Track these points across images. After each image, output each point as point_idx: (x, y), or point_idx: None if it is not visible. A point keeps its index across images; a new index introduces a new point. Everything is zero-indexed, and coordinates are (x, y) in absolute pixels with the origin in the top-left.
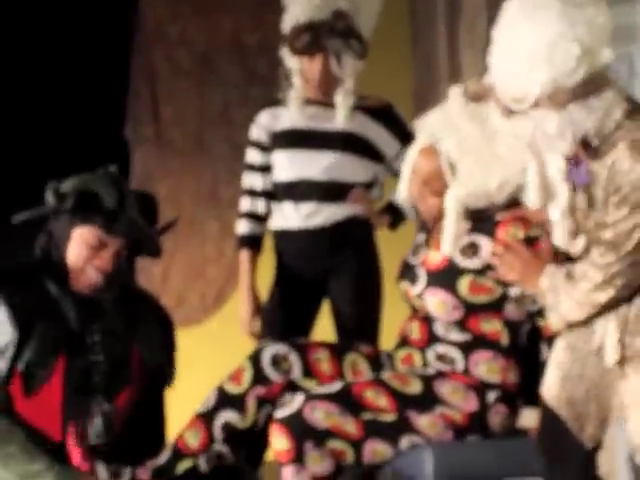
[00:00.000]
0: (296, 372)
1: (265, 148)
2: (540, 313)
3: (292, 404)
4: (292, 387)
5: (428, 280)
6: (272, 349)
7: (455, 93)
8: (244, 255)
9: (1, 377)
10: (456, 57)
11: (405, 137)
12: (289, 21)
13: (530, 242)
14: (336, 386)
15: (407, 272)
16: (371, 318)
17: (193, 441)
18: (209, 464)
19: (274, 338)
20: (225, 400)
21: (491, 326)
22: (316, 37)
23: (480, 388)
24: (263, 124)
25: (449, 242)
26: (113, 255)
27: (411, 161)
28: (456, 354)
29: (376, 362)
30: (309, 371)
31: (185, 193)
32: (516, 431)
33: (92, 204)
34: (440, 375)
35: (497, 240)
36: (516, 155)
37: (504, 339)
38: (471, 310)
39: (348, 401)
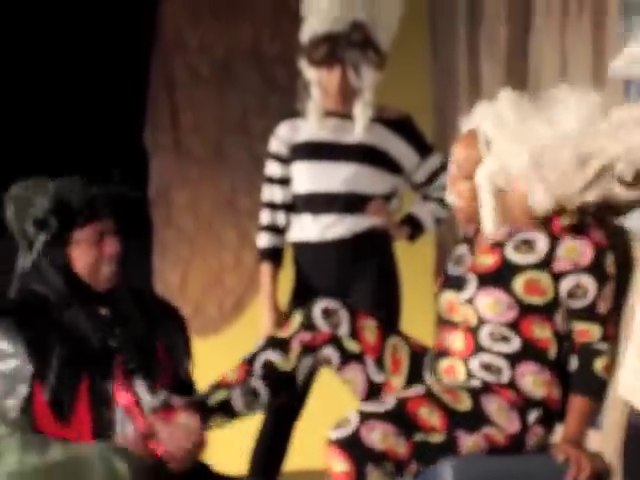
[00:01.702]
0: (344, 329)
1: (284, 160)
2: (577, 315)
3: (347, 424)
4: (336, 345)
5: (480, 282)
6: (325, 302)
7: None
8: (265, 268)
9: (22, 402)
10: (476, 68)
11: (424, 149)
12: (307, 32)
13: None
14: (390, 402)
15: (450, 282)
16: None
17: (232, 375)
18: (244, 399)
19: None
20: (270, 342)
21: (542, 333)
22: (334, 48)
23: (523, 407)
24: (282, 136)
25: (490, 219)
26: (112, 236)
27: (453, 153)
28: (502, 364)
29: (418, 359)
30: (354, 334)
31: (203, 201)
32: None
33: (70, 213)
34: (486, 389)
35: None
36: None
37: (552, 350)
38: (525, 312)
39: (403, 421)
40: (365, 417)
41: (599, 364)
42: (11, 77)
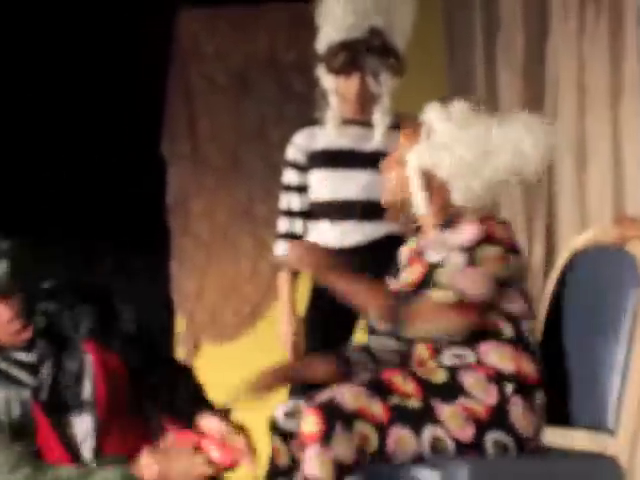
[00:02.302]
0: None
1: (302, 168)
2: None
3: (325, 393)
4: None
5: (416, 293)
6: (282, 408)
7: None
8: (283, 276)
9: None
10: (493, 75)
11: None
12: (324, 40)
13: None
14: (366, 375)
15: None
16: None
17: None
18: None
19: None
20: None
21: (488, 315)
22: (352, 56)
23: (498, 379)
24: (299, 144)
25: (423, 203)
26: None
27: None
28: (465, 351)
29: None
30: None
31: (220, 209)
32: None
33: None
34: (464, 366)
35: None
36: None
37: (506, 329)
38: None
39: (376, 385)
40: (342, 385)
41: (437, 293)
42: (31, 87)
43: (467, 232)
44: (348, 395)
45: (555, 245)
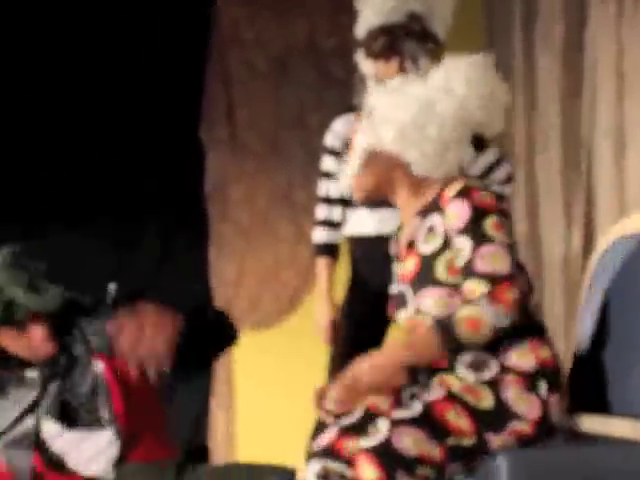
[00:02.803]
0: None
1: (340, 155)
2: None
3: (376, 432)
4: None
5: (414, 288)
6: (311, 469)
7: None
8: (321, 263)
9: None
10: (532, 62)
11: (479, 143)
12: (363, 25)
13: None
14: (417, 408)
15: (396, 302)
16: None
17: None
18: None
19: (346, 346)
20: None
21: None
22: (392, 40)
23: (533, 386)
24: (338, 131)
25: (353, 173)
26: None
27: None
28: (482, 354)
29: None
30: None
31: (259, 196)
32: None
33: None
34: (499, 379)
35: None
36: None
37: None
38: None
39: (433, 426)
40: (394, 424)
41: (465, 311)
42: (72, 77)
43: (457, 213)
44: (407, 440)
45: (594, 232)
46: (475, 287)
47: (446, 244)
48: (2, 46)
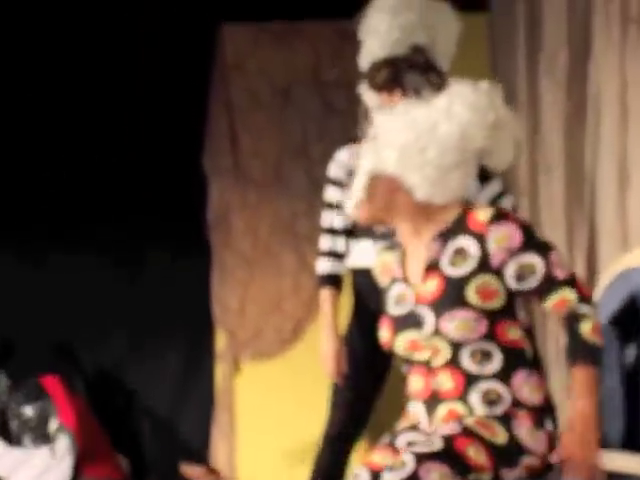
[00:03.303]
0: None
1: (343, 186)
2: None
3: (402, 466)
4: None
5: (437, 310)
6: None
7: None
8: (325, 294)
9: None
10: (536, 90)
11: (483, 175)
12: (367, 56)
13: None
14: (437, 442)
15: (403, 323)
16: None
17: None
18: None
19: (350, 376)
20: None
21: (515, 334)
22: (395, 72)
23: (539, 419)
24: (341, 161)
25: (355, 201)
26: None
27: None
28: (498, 387)
29: None
30: None
31: (262, 225)
32: None
33: None
34: (511, 414)
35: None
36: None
37: (528, 349)
38: (493, 318)
39: (457, 461)
40: (420, 458)
41: (585, 327)
42: (77, 103)
43: (508, 234)
44: (435, 476)
45: (597, 261)
46: (567, 295)
47: (481, 267)
48: (3, 54)
